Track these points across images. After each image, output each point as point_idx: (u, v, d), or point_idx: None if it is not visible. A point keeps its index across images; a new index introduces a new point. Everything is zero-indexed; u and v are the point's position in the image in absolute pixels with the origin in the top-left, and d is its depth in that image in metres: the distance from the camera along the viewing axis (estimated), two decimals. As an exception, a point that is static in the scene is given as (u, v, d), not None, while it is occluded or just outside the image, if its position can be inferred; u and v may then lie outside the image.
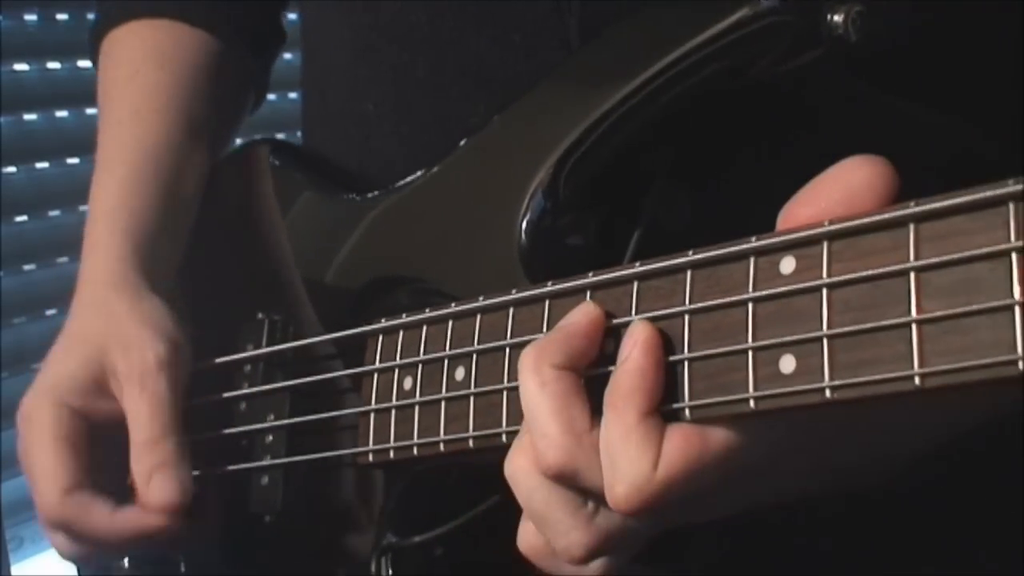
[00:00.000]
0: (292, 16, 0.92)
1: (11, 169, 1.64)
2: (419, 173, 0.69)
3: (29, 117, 1.69)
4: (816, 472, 0.50)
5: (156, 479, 0.68)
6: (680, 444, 0.46)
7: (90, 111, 1.71)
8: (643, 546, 0.52)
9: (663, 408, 0.47)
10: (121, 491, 0.71)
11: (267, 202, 0.82)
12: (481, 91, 0.69)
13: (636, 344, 0.47)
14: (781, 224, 0.46)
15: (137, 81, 0.82)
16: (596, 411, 0.48)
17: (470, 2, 0.68)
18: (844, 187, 0.44)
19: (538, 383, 0.48)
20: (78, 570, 0.85)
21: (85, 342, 0.72)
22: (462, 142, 0.66)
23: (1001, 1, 0.58)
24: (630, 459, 0.46)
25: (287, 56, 0.93)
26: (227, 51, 0.85)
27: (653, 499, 0.46)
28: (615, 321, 0.50)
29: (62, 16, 1.67)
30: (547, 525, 0.50)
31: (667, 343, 0.47)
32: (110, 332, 0.72)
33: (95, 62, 0.87)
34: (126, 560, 0.82)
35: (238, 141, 0.92)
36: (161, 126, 0.80)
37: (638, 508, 0.46)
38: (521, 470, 0.50)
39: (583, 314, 0.50)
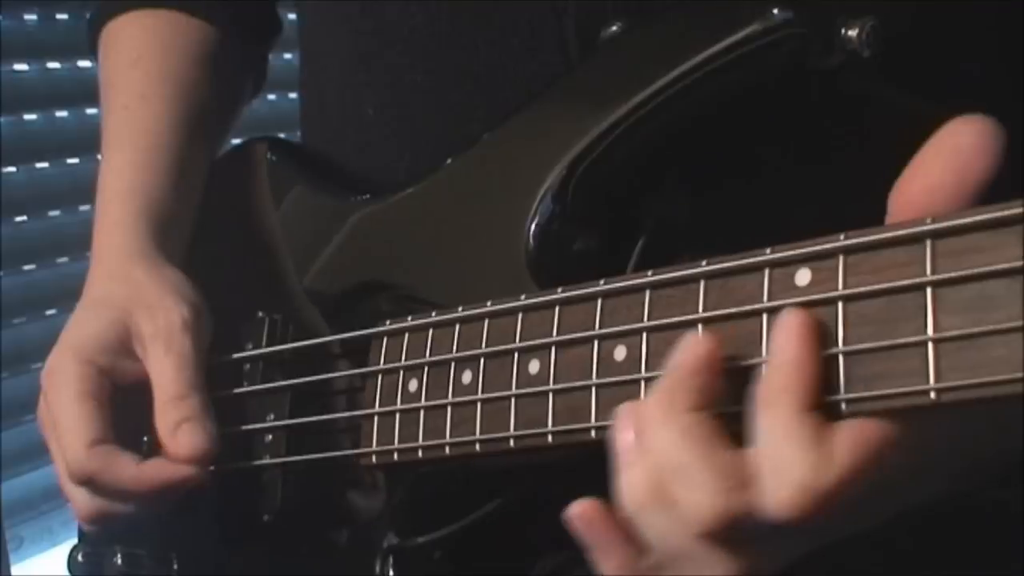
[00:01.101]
0: (292, 16, 0.92)
1: (11, 169, 1.64)
2: (421, 176, 0.69)
3: (29, 117, 1.69)
4: (966, 468, 0.48)
5: (183, 430, 0.69)
6: (854, 440, 0.42)
7: (90, 111, 1.71)
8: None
9: None
10: (136, 452, 0.71)
11: (266, 200, 0.82)
12: (480, 94, 0.70)
13: (791, 334, 0.43)
14: (895, 204, 0.44)
15: (141, 67, 0.83)
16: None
17: (468, 5, 0.68)
18: (954, 153, 0.42)
19: (677, 434, 0.44)
20: (80, 539, 0.84)
21: (110, 306, 0.73)
22: (467, 148, 0.66)
23: (1003, 2, 0.59)
24: (798, 458, 0.42)
25: (287, 56, 0.93)
26: (225, 40, 0.87)
27: (822, 503, 0.42)
28: (628, 327, 0.50)
29: (62, 16, 1.67)
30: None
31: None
32: (134, 296, 0.73)
33: (94, 52, 0.88)
34: (119, 558, 0.81)
35: (235, 141, 0.91)
36: (168, 111, 0.81)
37: (809, 511, 0.42)
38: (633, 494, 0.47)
39: (697, 346, 0.46)
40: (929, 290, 0.41)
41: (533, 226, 0.60)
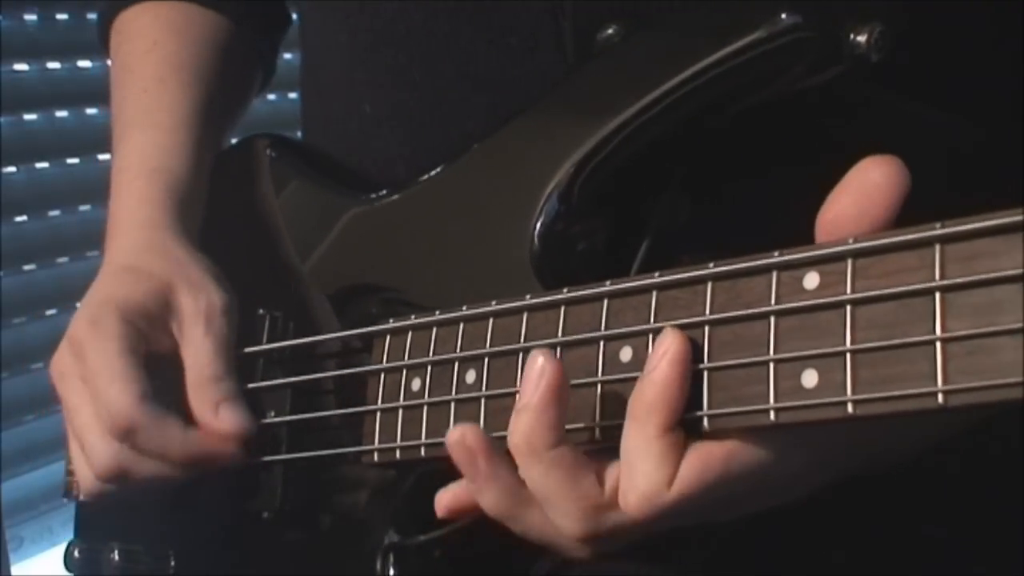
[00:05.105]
0: (294, 16, 0.92)
1: (11, 169, 1.65)
2: (425, 175, 0.69)
3: (29, 117, 1.70)
4: (829, 480, 0.51)
5: (224, 408, 0.69)
6: (697, 466, 0.47)
7: (90, 111, 1.71)
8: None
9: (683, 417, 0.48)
10: None
11: (267, 197, 0.81)
12: (477, 93, 0.70)
13: (665, 355, 0.47)
14: (818, 227, 0.47)
15: (157, 53, 0.83)
16: (619, 416, 0.49)
17: (466, 4, 0.69)
18: (857, 188, 0.45)
19: (542, 470, 0.50)
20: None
21: (150, 276, 0.73)
22: (471, 147, 0.66)
23: (1004, 2, 0.59)
24: (646, 473, 0.47)
25: (287, 56, 0.94)
26: (236, 31, 0.88)
27: (663, 512, 0.47)
28: (635, 328, 0.50)
29: (62, 16, 1.68)
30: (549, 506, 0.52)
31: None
32: (176, 272, 0.73)
33: (104, 43, 0.89)
34: (117, 554, 0.81)
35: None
36: (186, 97, 0.82)
37: (648, 519, 0.48)
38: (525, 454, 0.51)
39: (539, 374, 0.49)
40: (938, 295, 0.41)
41: (538, 226, 0.60)
